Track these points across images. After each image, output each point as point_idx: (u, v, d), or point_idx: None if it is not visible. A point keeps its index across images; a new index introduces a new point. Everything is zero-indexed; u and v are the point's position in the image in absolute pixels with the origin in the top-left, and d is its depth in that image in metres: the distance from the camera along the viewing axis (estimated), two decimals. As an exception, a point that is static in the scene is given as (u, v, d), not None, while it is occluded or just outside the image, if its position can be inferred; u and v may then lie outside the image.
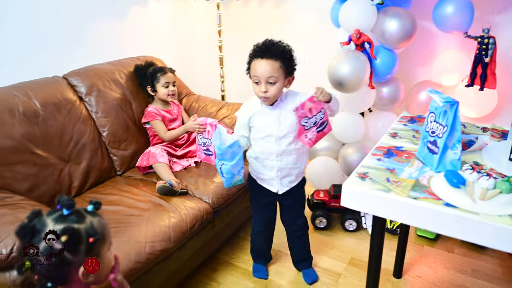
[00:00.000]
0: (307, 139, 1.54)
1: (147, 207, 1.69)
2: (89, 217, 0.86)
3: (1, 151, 1.63)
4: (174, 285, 1.75)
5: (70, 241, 0.80)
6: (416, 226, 1.02)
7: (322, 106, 1.52)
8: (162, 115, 2.16)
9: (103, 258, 0.89)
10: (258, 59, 1.48)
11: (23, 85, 1.86)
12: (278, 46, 1.49)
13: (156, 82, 2.16)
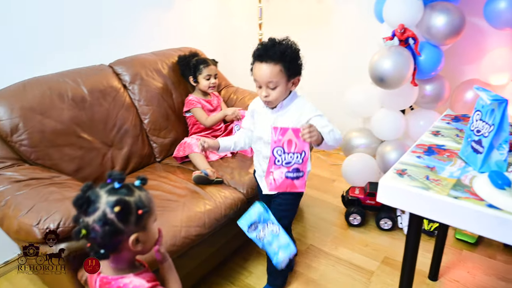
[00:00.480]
0: (270, 176, 1.30)
1: (183, 193, 1.74)
2: (137, 191, 0.92)
3: (51, 133, 1.73)
4: (207, 270, 1.80)
5: (122, 212, 0.86)
6: (456, 226, 0.99)
7: (303, 148, 1.29)
8: (202, 104, 2.20)
9: (149, 230, 0.94)
10: (257, 62, 1.40)
11: (73, 72, 1.95)
12: (278, 48, 1.37)
13: (198, 73, 2.20)
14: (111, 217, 0.85)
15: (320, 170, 2.89)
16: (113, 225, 0.85)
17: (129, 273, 0.94)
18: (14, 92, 1.71)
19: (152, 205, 0.95)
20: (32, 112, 1.70)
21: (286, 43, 1.42)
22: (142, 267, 1.01)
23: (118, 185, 0.89)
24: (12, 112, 1.65)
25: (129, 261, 0.95)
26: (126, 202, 0.87)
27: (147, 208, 0.90)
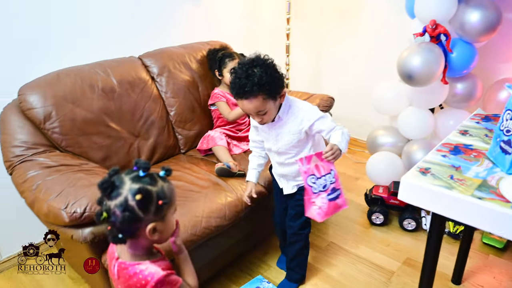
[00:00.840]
0: (316, 207, 1.33)
1: (206, 184, 1.76)
2: (161, 182, 0.93)
3: (81, 122, 1.79)
4: (227, 262, 1.83)
5: (143, 200, 0.87)
6: (478, 227, 0.96)
7: (331, 167, 1.36)
8: (227, 98, 2.22)
9: (168, 221, 0.95)
10: (238, 99, 1.37)
11: (104, 64, 2.01)
12: (253, 79, 1.30)
13: (223, 67, 2.20)
14: (132, 204, 0.87)
15: (344, 168, 2.86)
16: (133, 212, 0.87)
17: (146, 260, 0.96)
18: (48, 81, 1.78)
19: (173, 196, 0.96)
20: (64, 101, 1.76)
21: (259, 66, 1.33)
22: (159, 255, 1.02)
23: (143, 173, 0.90)
24: (45, 100, 1.72)
25: (146, 248, 0.97)
26: (148, 191, 0.89)
27: (167, 199, 0.92)
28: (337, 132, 1.42)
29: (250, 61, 1.35)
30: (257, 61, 1.35)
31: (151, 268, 0.93)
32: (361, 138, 3.12)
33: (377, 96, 2.36)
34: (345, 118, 3.17)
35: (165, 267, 0.97)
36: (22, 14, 1.84)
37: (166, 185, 0.94)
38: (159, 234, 0.94)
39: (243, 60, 1.37)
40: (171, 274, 0.95)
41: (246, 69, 1.32)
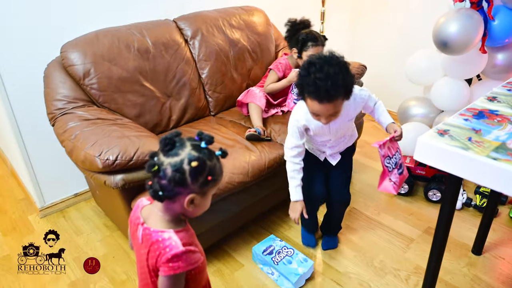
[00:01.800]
0: (391, 183, 1.46)
1: (231, 144, 1.83)
2: (215, 160, 0.93)
3: (117, 80, 1.89)
4: (250, 218, 1.92)
5: (196, 168, 0.87)
6: (491, 188, 0.96)
7: (397, 146, 1.54)
8: (286, 74, 2.16)
9: (206, 198, 0.95)
10: (315, 101, 1.30)
11: (140, 25, 2.08)
12: (337, 84, 1.27)
13: (304, 50, 2.08)
14: (185, 168, 0.87)
15: (373, 138, 2.84)
16: (183, 175, 0.87)
17: (171, 228, 0.95)
18: (88, 40, 1.88)
19: (220, 178, 0.95)
20: (102, 59, 1.86)
21: (338, 67, 1.28)
22: (184, 224, 1.00)
23: (205, 145, 0.91)
24: (85, 58, 1.82)
25: (176, 215, 0.96)
26: (204, 162, 0.89)
27: (216, 177, 0.92)
28: (381, 107, 1.60)
29: (327, 61, 1.29)
30: (334, 60, 1.30)
31: (173, 240, 0.92)
32: (393, 110, 3.07)
33: (411, 65, 2.31)
34: (378, 89, 3.11)
35: (187, 241, 0.94)
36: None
37: (219, 165, 0.94)
38: (194, 207, 0.93)
39: (318, 60, 1.29)
40: (190, 252, 0.92)
41: (327, 71, 1.26)
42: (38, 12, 1.87)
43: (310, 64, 1.30)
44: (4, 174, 2.60)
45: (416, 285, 1.64)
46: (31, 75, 1.89)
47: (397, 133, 1.49)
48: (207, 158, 0.89)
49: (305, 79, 1.30)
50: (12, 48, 1.83)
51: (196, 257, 0.94)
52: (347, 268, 1.74)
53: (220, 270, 1.75)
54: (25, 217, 2.16)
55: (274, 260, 1.68)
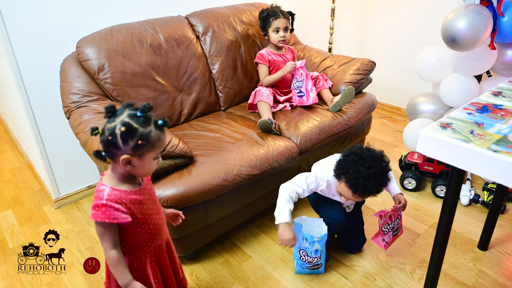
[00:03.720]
0: (384, 242, 1.62)
1: (240, 137, 1.87)
2: (152, 127, 1.03)
3: (130, 74, 1.94)
4: (258, 211, 1.95)
5: (125, 133, 0.99)
6: (491, 180, 0.98)
7: (399, 213, 1.66)
8: (272, 59, 2.24)
9: (145, 161, 1.05)
10: (349, 190, 1.45)
11: (153, 21, 2.13)
12: (380, 190, 1.46)
13: (268, 26, 2.20)
14: (117, 132, 1.00)
15: (383, 136, 2.85)
16: (115, 139, 1.00)
17: (111, 185, 1.08)
18: (102, 36, 1.93)
19: (156, 143, 1.04)
20: (116, 54, 1.91)
21: (384, 178, 1.44)
22: (132, 185, 1.11)
23: (140, 114, 1.02)
24: (100, 53, 1.88)
25: (121, 175, 1.09)
26: (133, 128, 1.00)
27: (147, 142, 1.01)
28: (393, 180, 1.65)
29: (375, 163, 1.41)
30: (380, 164, 1.43)
31: (103, 193, 1.06)
32: (402, 106, 3.08)
33: (421, 62, 2.31)
34: (388, 85, 3.13)
35: (114, 198, 1.05)
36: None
37: (156, 132, 1.03)
38: (133, 168, 1.05)
39: (369, 158, 1.42)
40: (109, 207, 1.04)
41: (373, 173, 1.39)
42: (55, 9, 1.93)
43: (361, 158, 1.42)
44: (21, 166, 2.69)
45: (421, 278, 1.66)
46: (48, 70, 1.96)
47: (400, 204, 1.62)
48: (140, 125, 1.00)
49: (350, 167, 1.42)
50: (30, 44, 1.90)
51: (115, 214, 1.05)
52: (352, 261, 1.77)
53: (228, 261, 1.79)
54: (40, 207, 2.24)
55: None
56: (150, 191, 1.18)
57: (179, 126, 2.08)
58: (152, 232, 1.17)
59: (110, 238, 1.08)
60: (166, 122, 1.07)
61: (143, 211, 1.13)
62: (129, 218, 1.08)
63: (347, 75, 2.27)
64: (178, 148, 1.58)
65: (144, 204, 1.13)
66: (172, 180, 1.55)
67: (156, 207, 1.19)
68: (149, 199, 1.16)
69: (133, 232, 1.13)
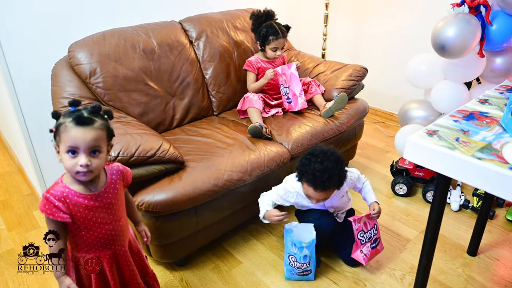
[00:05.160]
0: (362, 254, 1.65)
1: (232, 143, 1.87)
2: (68, 120, 1.03)
3: (123, 79, 1.94)
4: (249, 216, 1.95)
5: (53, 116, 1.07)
6: (476, 187, 1.00)
7: (375, 222, 1.69)
8: (262, 66, 2.25)
9: (61, 154, 1.06)
10: (310, 187, 1.53)
11: (146, 26, 2.14)
12: (334, 179, 1.49)
13: (266, 43, 2.18)
14: None
15: (375, 141, 2.87)
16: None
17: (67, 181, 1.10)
18: (95, 40, 1.94)
19: (63, 134, 1.03)
20: (108, 59, 1.92)
21: (336, 167, 1.49)
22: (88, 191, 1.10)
23: (72, 108, 1.06)
24: (91, 57, 1.88)
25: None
26: (57, 117, 1.06)
27: (56, 131, 1.04)
28: (367, 187, 1.77)
29: (326, 156, 1.50)
30: (332, 156, 1.51)
31: (54, 187, 1.08)
32: (394, 112, 3.10)
33: (412, 68, 2.33)
34: (381, 91, 3.16)
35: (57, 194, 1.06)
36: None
37: (67, 124, 1.02)
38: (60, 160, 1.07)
39: (320, 153, 1.51)
40: (47, 200, 1.05)
41: (326, 165, 1.47)
42: (46, 12, 1.93)
43: (312, 156, 1.52)
44: (12, 170, 2.67)
45: (411, 284, 1.66)
46: (39, 74, 1.96)
47: (374, 211, 1.66)
48: (63, 116, 1.04)
49: (305, 168, 1.52)
50: (21, 47, 1.90)
51: (53, 210, 1.05)
52: (342, 267, 1.77)
53: (218, 267, 1.79)
54: (30, 212, 2.22)
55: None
56: (110, 200, 1.14)
57: (171, 131, 2.09)
58: (99, 240, 1.15)
59: (50, 228, 1.10)
60: (86, 117, 1.03)
61: (89, 217, 1.10)
62: (68, 219, 1.07)
63: (339, 81, 2.28)
64: (168, 153, 1.59)
65: (92, 210, 1.10)
66: (162, 186, 1.55)
67: (110, 217, 1.15)
68: (102, 207, 1.12)
69: (77, 233, 1.12)
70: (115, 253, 1.20)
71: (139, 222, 1.38)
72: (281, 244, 1.90)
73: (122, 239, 1.21)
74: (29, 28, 1.90)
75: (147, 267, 1.36)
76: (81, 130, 1.02)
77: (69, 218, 1.07)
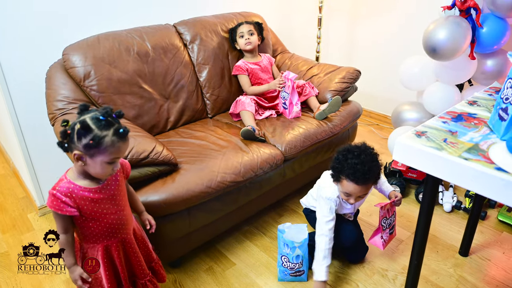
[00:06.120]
0: (382, 240, 1.67)
1: (226, 145, 1.88)
2: (110, 133, 1.07)
3: (117, 82, 1.95)
4: (243, 218, 1.96)
5: (80, 131, 1.06)
6: (463, 187, 1.01)
7: (394, 209, 1.72)
8: (250, 68, 2.30)
9: (96, 161, 1.09)
10: (351, 182, 1.49)
11: (140, 29, 2.15)
12: (373, 171, 1.48)
13: (235, 36, 2.35)
14: (75, 127, 1.07)
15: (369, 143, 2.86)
16: (72, 133, 1.07)
17: (71, 178, 1.14)
18: (89, 43, 1.94)
19: (109, 149, 1.08)
20: (102, 61, 1.92)
21: (372, 159, 1.49)
22: (94, 184, 1.16)
23: (102, 118, 1.07)
24: (86, 60, 1.89)
25: (80, 171, 1.14)
26: (89, 129, 1.06)
27: (97, 144, 1.06)
28: (383, 179, 1.75)
29: (362, 150, 1.50)
30: (368, 150, 1.52)
31: (59, 184, 1.12)
32: (387, 114, 3.12)
33: (405, 71, 2.36)
34: (375, 93, 3.18)
35: (63, 190, 1.10)
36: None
37: (111, 138, 1.07)
38: (83, 165, 1.11)
39: (355, 149, 1.51)
40: (55, 197, 1.10)
41: (364, 159, 1.47)
42: (41, 16, 1.94)
43: (348, 152, 1.51)
44: (6, 173, 2.67)
45: (403, 284, 1.67)
46: (34, 77, 1.96)
47: (397, 198, 1.67)
48: (97, 127, 1.06)
49: (342, 164, 1.49)
50: (16, 51, 1.91)
51: (60, 206, 1.10)
52: (336, 268, 1.78)
53: (212, 269, 1.80)
54: (24, 215, 2.22)
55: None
56: (113, 191, 1.21)
57: (165, 133, 2.09)
58: (106, 229, 1.21)
59: (60, 223, 1.15)
60: (126, 131, 1.11)
61: (95, 209, 1.17)
62: (75, 212, 1.13)
63: (333, 83, 2.30)
64: (162, 155, 1.60)
65: (97, 203, 1.17)
66: (156, 187, 1.56)
67: (114, 207, 1.22)
68: (106, 198, 1.19)
69: (85, 225, 1.18)
70: (122, 240, 1.27)
71: (143, 211, 1.43)
72: (274, 246, 1.91)
73: (128, 227, 1.28)
74: (23, 31, 1.91)
75: (151, 253, 1.42)
76: (125, 145, 1.13)
77: (76, 211, 1.13)
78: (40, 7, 1.93)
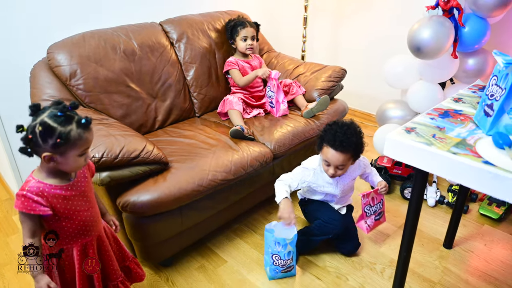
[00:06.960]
0: (366, 225, 1.76)
1: (215, 143, 1.89)
2: (74, 126, 1.06)
3: (103, 81, 1.93)
4: (233, 216, 1.97)
5: (42, 132, 1.03)
6: (452, 180, 1.05)
7: (381, 197, 1.78)
8: (240, 65, 2.31)
9: (68, 158, 1.08)
10: (330, 148, 1.59)
11: (126, 28, 2.13)
12: (352, 141, 1.57)
13: (236, 35, 2.31)
14: (36, 131, 1.03)
15: (354, 140, 2.93)
16: (35, 137, 1.04)
17: (39, 178, 1.11)
18: (74, 41, 1.92)
19: (78, 141, 1.07)
20: (88, 60, 1.90)
21: (356, 136, 1.59)
22: (65, 181, 1.15)
23: (60, 114, 1.05)
24: (71, 59, 1.86)
25: (47, 170, 1.12)
26: (50, 127, 1.03)
27: (65, 140, 1.04)
28: (374, 172, 1.87)
29: (347, 124, 1.62)
30: (353, 125, 1.62)
31: (26, 183, 1.10)
32: (372, 112, 3.18)
33: (389, 69, 2.40)
34: (359, 92, 3.23)
35: (34, 190, 1.08)
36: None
37: (77, 131, 1.06)
38: (57, 164, 1.09)
39: (341, 122, 1.62)
40: (27, 198, 1.08)
41: (345, 129, 1.58)
42: (24, 13, 1.90)
43: (335, 123, 1.64)
44: (-12, 174, 2.60)
45: (390, 277, 1.72)
46: (17, 76, 1.92)
47: (380, 186, 1.75)
48: (59, 124, 1.03)
49: (327, 132, 1.62)
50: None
51: (33, 206, 1.08)
52: (325, 262, 1.81)
53: (203, 266, 1.80)
54: (9, 217, 2.18)
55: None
56: (83, 188, 1.20)
57: (153, 133, 2.08)
58: (80, 227, 1.20)
59: (28, 227, 1.12)
60: (89, 120, 1.09)
61: (68, 206, 1.15)
62: (49, 211, 1.11)
63: (319, 82, 2.33)
64: (152, 154, 1.59)
65: (69, 200, 1.15)
66: (147, 186, 1.56)
67: (87, 204, 1.21)
68: (77, 195, 1.18)
69: (58, 225, 1.16)
70: (97, 238, 1.26)
71: (105, 212, 1.39)
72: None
73: (99, 225, 1.27)
74: (7, 27, 1.87)
75: (125, 252, 1.41)
76: (90, 134, 1.11)
77: (50, 211, 1.11)
78: (23, 5, 1.89)
